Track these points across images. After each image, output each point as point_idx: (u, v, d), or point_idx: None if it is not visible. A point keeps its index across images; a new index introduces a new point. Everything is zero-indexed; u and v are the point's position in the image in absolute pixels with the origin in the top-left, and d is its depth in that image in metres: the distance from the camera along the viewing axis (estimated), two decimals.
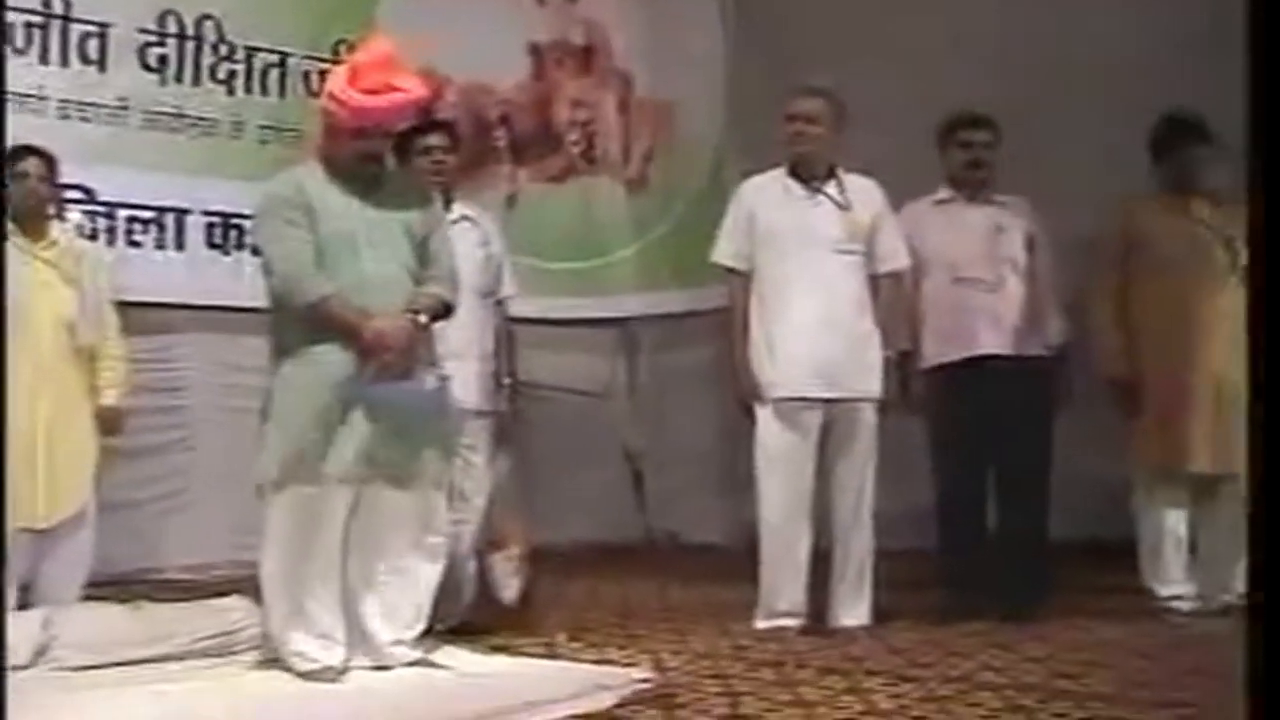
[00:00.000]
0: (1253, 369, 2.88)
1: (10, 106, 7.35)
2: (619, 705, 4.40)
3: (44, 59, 7.61)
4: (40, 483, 5.94)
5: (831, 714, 4.23)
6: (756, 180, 6.19)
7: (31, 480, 5.88)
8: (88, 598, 5.98)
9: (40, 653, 5.01)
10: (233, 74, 8.26)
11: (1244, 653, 2.84)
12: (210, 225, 8.19)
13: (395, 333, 4.90)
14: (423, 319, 5.03)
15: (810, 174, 6.03)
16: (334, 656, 4.90)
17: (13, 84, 7.38)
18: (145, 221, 8.03)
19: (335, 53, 8.28)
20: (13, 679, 4.68)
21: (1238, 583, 6.01)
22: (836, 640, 5.62)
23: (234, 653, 5.22)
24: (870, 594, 5.97)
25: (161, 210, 8.07)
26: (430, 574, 5.17)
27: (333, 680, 4.83)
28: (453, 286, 5.22)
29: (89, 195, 7.77)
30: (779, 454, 5.93)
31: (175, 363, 8.11)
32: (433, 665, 5.04)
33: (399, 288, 5.03)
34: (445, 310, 5.18)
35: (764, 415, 5.95)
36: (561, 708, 4.35)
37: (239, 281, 7.80)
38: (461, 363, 5.84)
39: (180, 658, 5.14)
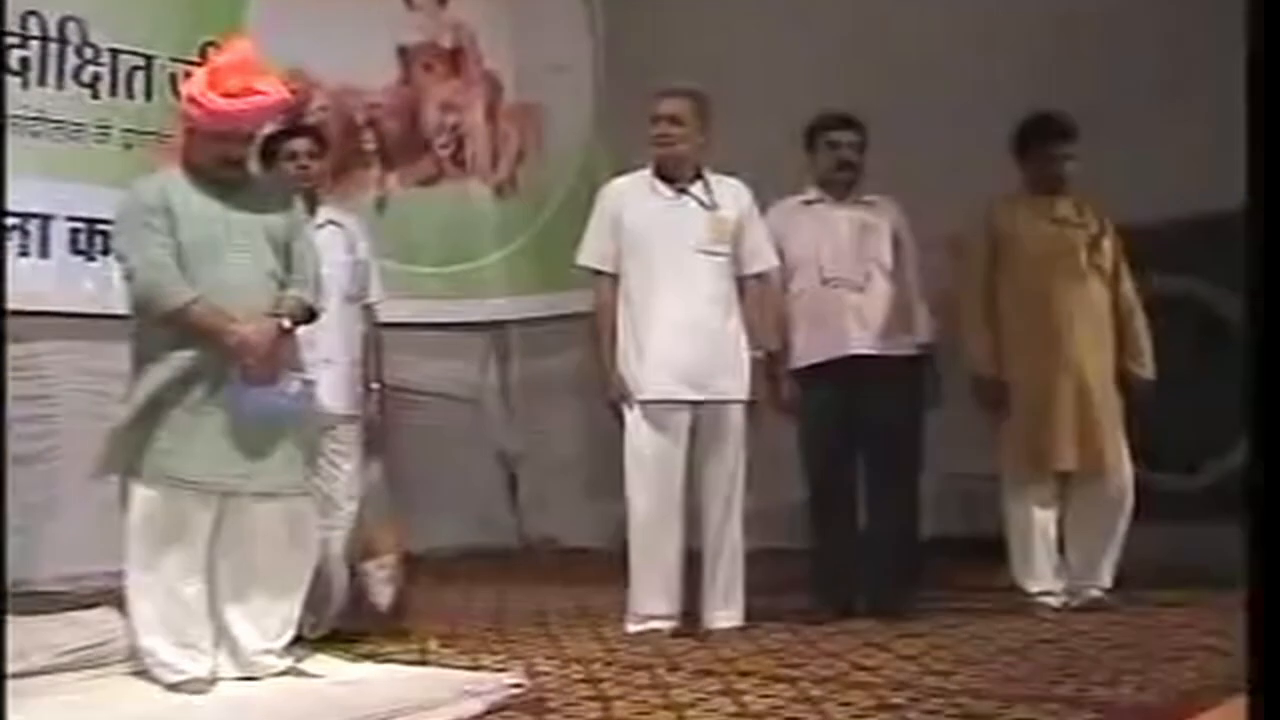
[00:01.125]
0: (1252, 370, 2.90)
1: None
2: (490, 711, 4.38)
3: None
4: None
5: (704, 716, 4.22)
6: (621, 181, 6.18)
7: None
8: None
9: None
10: (97, 77, 8.15)
11: (1245, 653, 2.87)
12: (75, 231, 8.07)
13: (258, 337, 4.84)
14: (286, 323, 4.97)
15: (676, 175, 6.03)
16: (201, 667, 4.84)
17: None
18: (8, 228, 7.88)
19: (203, 55, 8.16)
20: None
21: (1104, 579, 6.10)
22: (709, 642, 5.62)
23: (103, 665, 5.14)
24: (742, 595, 5.97)
25: (25, 216, 7.94)
26: (299, 582, 5.12)
27: (201, 691, 4.76)
28: (316, 291, 5.17)
29: None
30: (648, 456, 5.92)
31: (41, 371, 7.99)
32: (302, 674, 5.00)
33: (262, 292, 4.98)
34: (309, 315, 5.13)
35: (632, 418, 5.94)
36: (432, 715, 4.33)
37: (106, 288, 7.69)
38: (329, 368, 5.82)
39: (47, 672, 5.05)
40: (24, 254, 7.94)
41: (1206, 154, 6.15)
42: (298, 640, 5.17)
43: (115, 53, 8.23)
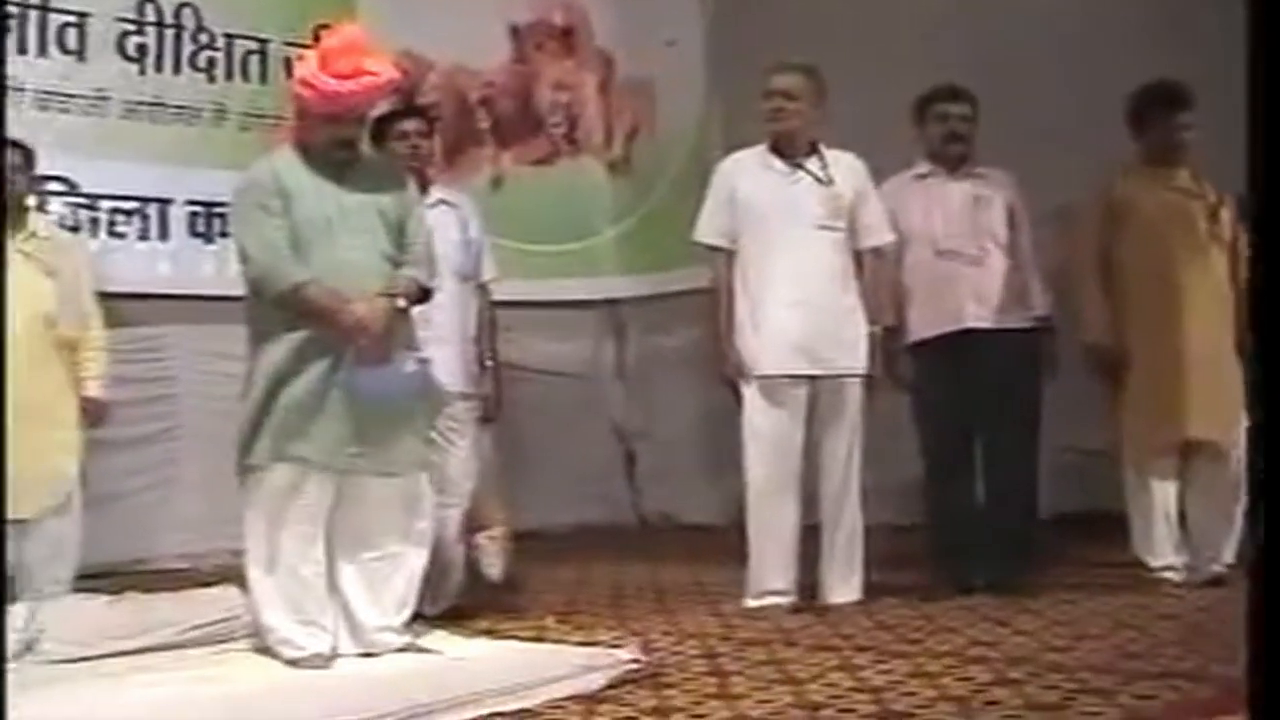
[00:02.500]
0: (1254, 359, 2.88)
1: None
2: (608, 687, 4.37)
3: (22, 49, 7.62)
4: (19, 476, 5.93)
5: (821, 691, 4.20)
6: (737, 157, 6.17)
7: (12, 473, 5.89)
8: (78, 589, 5.98)
9: (27, 646, 5.00)
10: (212, 61, 8.28)
11: (1245, 634, 2.83)
12: (194, 214, 8.21)
13: (373, 317, 4.87)
14: (400, 303, 4.99)
15: (791, 150, 6.01)
16: (321, 643, 4.88)
17: None
18: (128, 212, 8.04)
19: (315, 38, 8.17)
20: None
21: (1227, 552, 6.00)
22: (826, 617, 5.60)
23: (224, 642, 5.21)
24: (860, 570, 5.96)
25: (144, 200, 8.10)
26: (416, 559, 5.15)
27: (321, 667, 4.81)
28: (430, 270, 5.19)
29: (71, 187, 7.79)
30: (765, 432, 5.91)
31: (162, 353, 8.10)
32: (421, 650, 5.03)
33: (375, 272, 5.00)
34: (423, 294, 5.16)
35: (750, 393, 5.94)
36: (549, 690, 4.32)
37: (224, 270, 7.78)
38: (444, 346, 5.82)
39: (170, 648, 5.13)
40: (144, 238, 8.10)
41: None
42: (416, 617, 5.20)
43: (230, 37, 8.34)
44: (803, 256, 5.90)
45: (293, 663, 4.83)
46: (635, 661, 4.64)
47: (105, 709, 4.28)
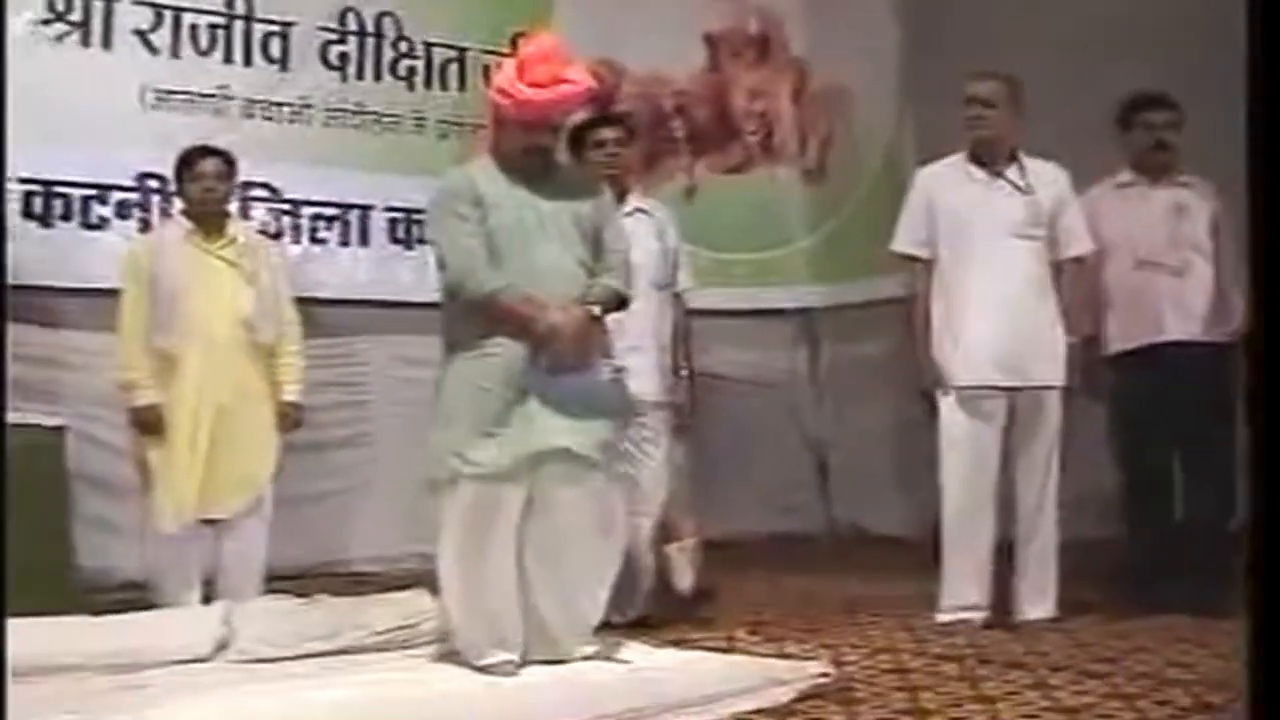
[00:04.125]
0: (1253, 370, 2.83)
1: (194, 106, 7.52)
2: (797, 700, 4.35)
3: (228, 59, 7.79)
4: (215, 477, 6.05)
5: (1014, 711, 4.14)
6: (935, 166, 6.12)
7: (205, 474, 6.02)
8: (270, 591, 6.08)
9: (221, 646, 5.09)
10: (412, 70, 8.38)
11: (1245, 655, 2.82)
12: (394, 221, 8.30)
13: (570, 324, 4.87)
14: (596, 311, 4.99)
15: (990, 158, 5.94)
16: (510, 651, 4.90)
17: (197, 84, 7.60)
18: (330, 218, 8.15)
19: (513, 46, 8.23)
20: (194, 670, 4.83)
21: None
22: (1020, 634, 5.53)
23: (413, 646, 5.26)
24: (1055, 586, 5.87)
25: (346, 207, 8.20)
26: (607, 567, 5.15)
27: (510, 674, 4.82)
28: (626, 278, 5.19)
29: (273, 193, 7.92)
30: (962, 444, 5.86)
31: (357, 358, 8.20)
32: (610, 660, 5.02)
33: (572, 280, 5.01)
34: (619, 302, 5.15)
35: (947, 404, 5.89)
36: (738, 702, 4.32)
37: (423, 277, 7.86)
38: (639, 354, 5.82)
39: (359, 652, 5.19)
40: (344, 244, 8.18)
41: None
42: (605, 626, 5.20)
43: (429, 46, 8.43)
44: (1001, 266, 5.83)
45: (481, 669, 4.84)
46: (824, 675, 4.61)
47: (293, 710, 4.33)
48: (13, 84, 6.93)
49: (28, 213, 7.28)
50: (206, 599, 6.01)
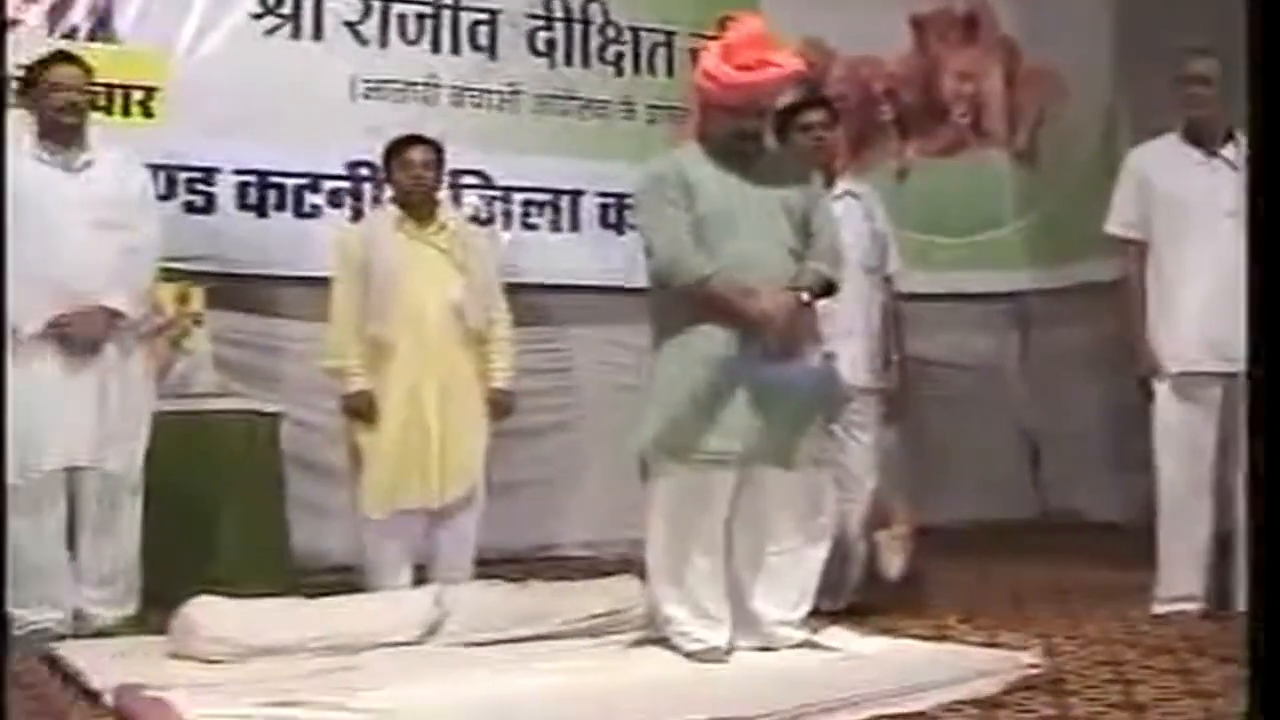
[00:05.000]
0: (1253, 366, 2.75)
1: (403, 95, 7.61)
2: (1007, 691, 4.29)
3: (435, 48, 7.89)
4: (427, 463, 6.10)
5: (1229, 706, 4.03)
6: (1149, 146, 5.98)
7: (417, 460, 6.07)
8: (482, 575, 6.12)
9: (432, 629, 5.16)
10: (620, 55, 8.41)
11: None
12: (604, 206, 8.33)
13: (780, 310, 4.84)
14: (806, 297, 4.95)
15: (1207, 137, 5.79)
16: (719, 637, 4.90)
17: (405, 73, 7.73)
18: (540, 204, 8.20)
19: (721, 29, 8.22)
20: (404, 653, 4.88)
21: None
22: (1238, 626, 5.38)
23: (621, 633, 5.27)
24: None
25: (556, 193, 8.25)
26: (816, 554, 5.13)
27: (718, 660, 4.82)
28: (836, 264, 5.14)
29: (485, 180, 7.97)
30: (1177, 430, 5.73)
31: (568, 345, 8.24)
32: (819, 647, 5.00)
33: (781, 265, 4.98)
34: (828, 288, 5.10)
35: (1162, 391, 5.76)
36: (947, 692, 4.26)
37: (634, 262, 7.89)
38: (848, 340, 5.76)
39: (568, 637, 5.22)
40: (555, 229, 8.22)
41: None
42: (815, 612, 5.17)
43: (636, 30, 8.45)
44: (1218, 248, 5.67)
45: (690, 655, 4.85)
46: (1035, 666, 4.54)
47: (501, 695, 4.35)
48: (228, 77, 7.12)
49: (243, 203, 7.45)
50: (418, 583, 6.07)
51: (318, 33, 7.63)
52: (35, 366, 5.56)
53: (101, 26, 7.12)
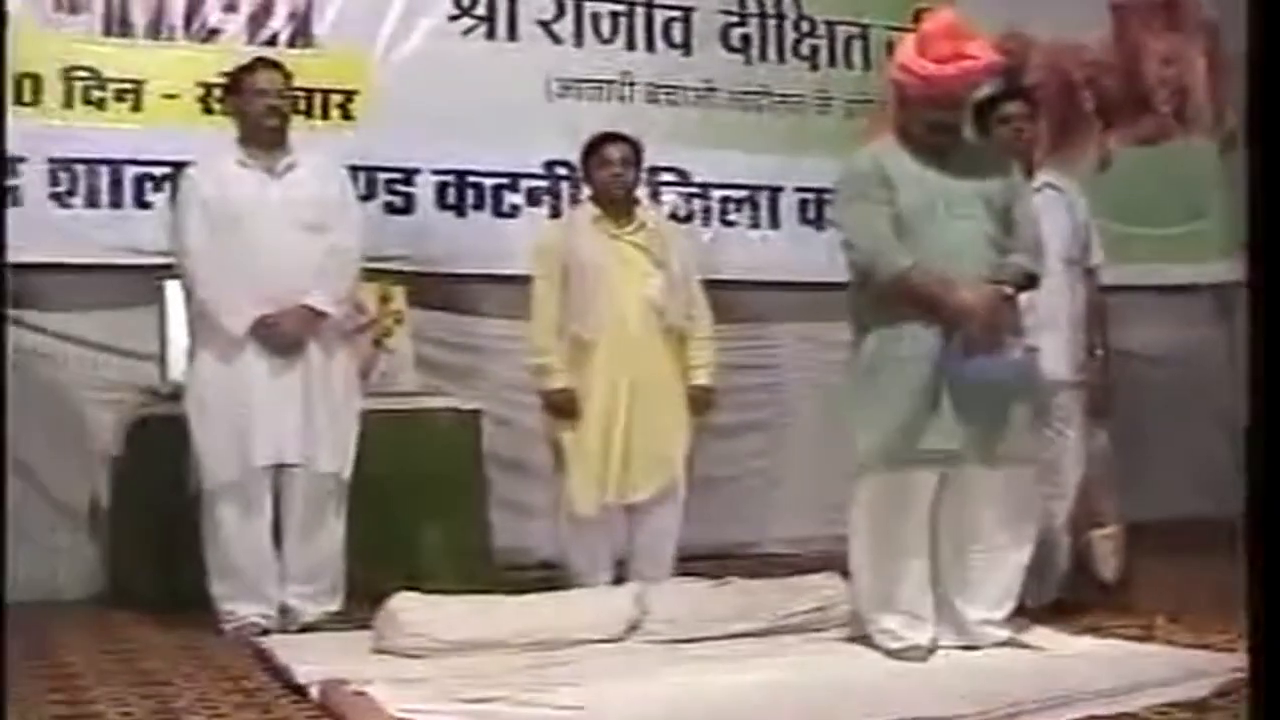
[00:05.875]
0: (1253, 365, 2.78)
1: (598, 93, 7.64)
2: (1216, 694, 4.18)
3: (630, 45, 7.92)
4: (628, 460, 6.12)
5: None
6: None
7: (619, 458, 6.09)
8: (683, 573, 6.13)
9: (632, 627, 5.16)
10: (815, 49, 8.36)
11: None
12: (803, 202, 8.28)
13: (981, 303, 4.78)
14: (1008, 290, 4.89)
15: None
16: (922, 635, 4.86)
17: (600, 71, 7.73)
18: (739, 201, 8.18)
19: (916, 21, 8.15)
20: (605, 650, 4.89)
21: None
22: None
23: (824, 630, 5.25)
24: None
25: (755, 189, 8.23)
26: (1021, 552, 5.06)
27: (920, 659, 4.78)
28: (1037, 256, 5.07)
29: (683, 177, 7.98)
30: None
31: (769, 341, 8.21)
32: (1022, 646, 4.93)
33: (982, 259, 4.91)
34: (1030, 281, 5.03)
35: None
36: (1153, 695, 4.18)
37: (835, 257, 7.85)
38: (1051, 333, 5.67)
39: (769, 634, 5.20)
40: (754, 226, 8.21)
41: None
42: (1019, 611, 5.10)
43: (831, 24, 8.41)
44: None
45: (892, 654, 4.81)
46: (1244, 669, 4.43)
47: (701, 693, 4.34)
48: (425, 79, 7.20)
49: (442, 203, 7.53)
50: (619, 580, 6.09)
51: (513, 33, 7.71)
52: (242, 366, 5.69)
53: (301, 32, 7.27)
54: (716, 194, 8.16)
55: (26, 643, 5.47)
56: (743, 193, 8.22)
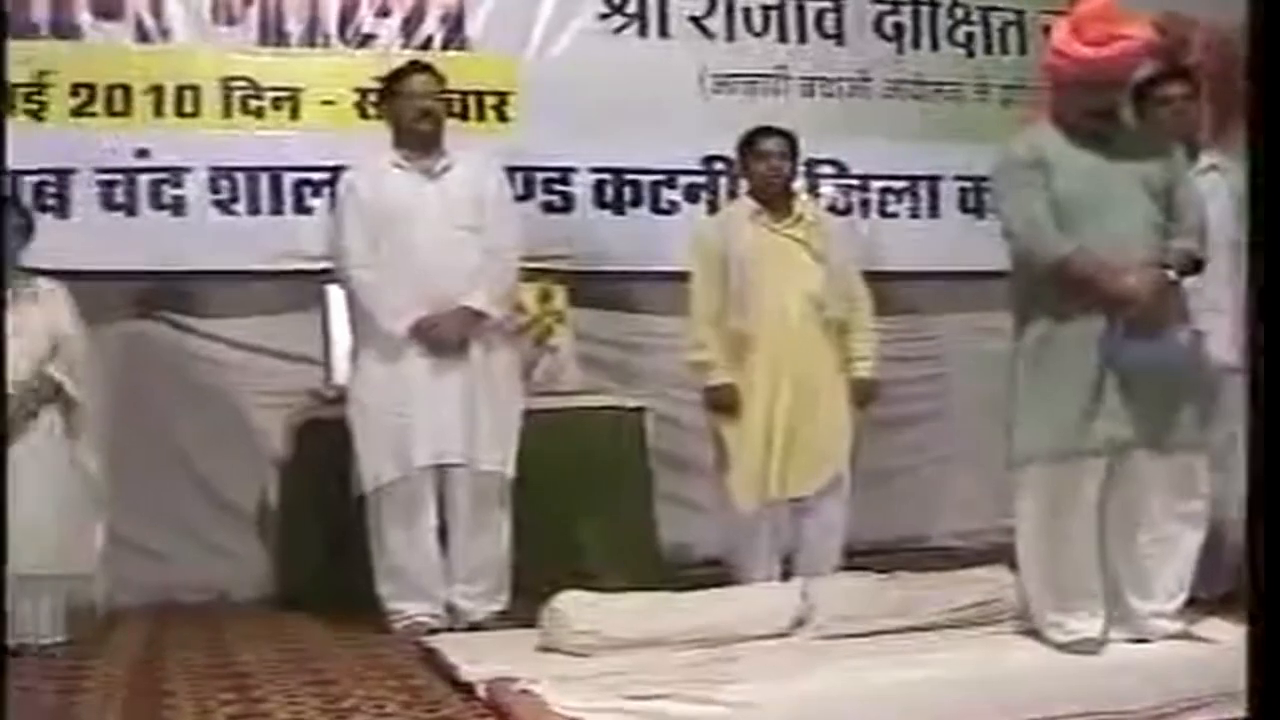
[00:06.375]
0: (1252, 366, 2.67)
1: (753, 88, 7.64)
2: None
3: (782, 38, 7.89)
4: (792, 455, 6.09)
5: None
6: None
7: (783, 453, 6.06)
8: (850, 567, 6.10)
9: (799, 622, 5.14)
10: (970, 36, 8.29)
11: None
12: (964, 191, 8.20)
13: (1145, 288, 4.68)
14: (1172, 274, 4.80)
15: None
16: (1092, 628, 4.78)
17: (754, 65, 7.72)
18: (898, 192, 8.13)
19: (1071, 4, 8.03)
20: (771, 646, 4.88)
21: None
22: None
23: (992, 624, 5.20)
24: None
25: (914, 179, 8.18)
26: (1192, 542, 4.95)
27: (1090, 652, 4.70)
28: (1202, 240, 4.96)
29: (840, 169, 7.94)
30: None
31: (931, 332, 8.15)
32: (1194, 639, 4.83)
33: (1144, 243, 4.81)
34: (1195, 265, 4.92)
35: None
36: None
37: (995, 247, 7.77)
38: (1218, 318, 5.55)
39: (936, 628, 5.15)
40: (914, 216, 8.15)
41: None
42: (1190, 603, 4.99)
43: (986, 10, 8.32)
44: None
45: (1062, 647, 4.75)
46: None
47: (867, 689, 4.31)
48: (578, 78, 7.24)
49: (600, 201, 7.57)
50: (785, 575, 6.06)
51: (664, 29, 7.73)
52: (403, 367, 5.77)
53: (454, 35, 7.36)
54: (875, 185, 8.11)
55: (199, 644, 5.60)
56: (902, 183, 8.17)
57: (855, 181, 8.06)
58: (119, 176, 6.95)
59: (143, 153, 6.99)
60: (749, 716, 3.97)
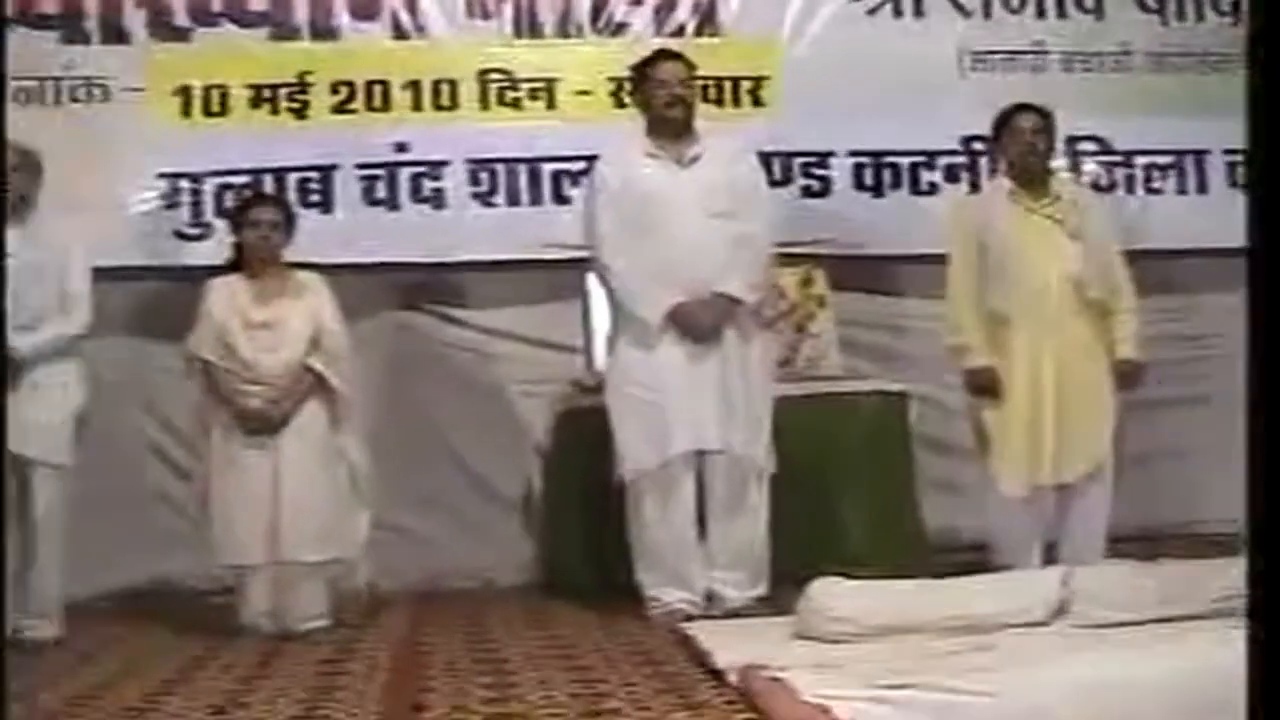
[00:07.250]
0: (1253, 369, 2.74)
1: (1011, 65, 7.55)
2: None
3: (1040, 14, 7.77)
4: (1057, 439, 5.99)
5: None
6: None
7: (1046, 437, 5.97)
8: (1114, 554, 6.01)
9: (1058, 611, 5.02)
10: (1235, 3, 7.98)
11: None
12: (1231, 165, 7.94)
13: None
14: None
15: None
16: None
17: (1012, 42, 7.67)
18: (1164, 167, 7.92)
19: None
20: (1030, 635, 4.79)
21: None
22: None
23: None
24: None
25: (1179, 154, 7.95)
26: None
27: None
28: None
29: (1103, 145, 7.78)
30: None
31: (1198, 312, 7.94)
32: None
33: None
34: None
35: None
36: None
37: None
38: None
39: (1203, 618, 4.96)
40: (1181, 192, 7.98)
41: None
42: None
43: None
44: None
45: None
46: None
47: (1124, 680, 4.20)
48: (834, 61, 7.22)
49: (859, 184, 7.54)
50: (1048, 562, 5.96)
51: (919, 9, 7.65)
52: (659, 354, 5.79)
53: (707, 21, 7.40)
54: (1140, 161, 7.91)
55: (460, 628, 5.69)
56: (1168, 158, 7.93)
57: (1119, 158, 7.87)
58: (379, 171, 7.12)
59: (402, 147, 7.14)
60: (1001, 706, 3.91)
